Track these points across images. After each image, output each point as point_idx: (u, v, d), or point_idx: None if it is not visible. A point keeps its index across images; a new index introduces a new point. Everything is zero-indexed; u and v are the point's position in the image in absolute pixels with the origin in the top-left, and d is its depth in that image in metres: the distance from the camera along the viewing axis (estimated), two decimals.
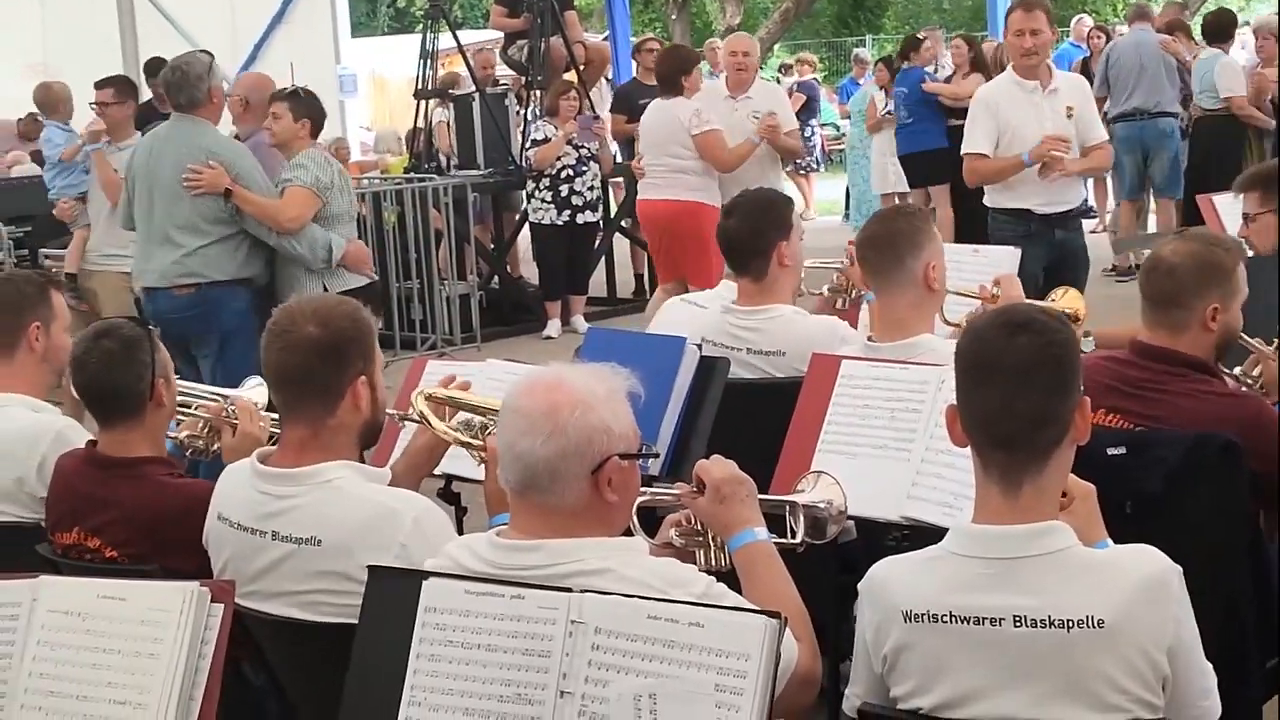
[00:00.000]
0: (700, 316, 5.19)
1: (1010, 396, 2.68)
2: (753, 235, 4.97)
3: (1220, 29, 12.39)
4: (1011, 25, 7.38)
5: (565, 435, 2.73)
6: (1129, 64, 12.21)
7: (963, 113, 12.99)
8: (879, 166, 14.70)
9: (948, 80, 13.81)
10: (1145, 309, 3.97)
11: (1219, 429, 3.66)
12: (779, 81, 20.27)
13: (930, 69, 14.14)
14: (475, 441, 3.62)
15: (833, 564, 3.80)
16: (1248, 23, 14.43)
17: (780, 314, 4.94)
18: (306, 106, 7.36)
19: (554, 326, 11.85)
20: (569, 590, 2.52)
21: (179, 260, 6.95)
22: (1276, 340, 4.26)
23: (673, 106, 9.52)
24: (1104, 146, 7.59)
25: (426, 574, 2.69)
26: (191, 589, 2.79)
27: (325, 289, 6.95)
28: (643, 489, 3.07)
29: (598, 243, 12.32)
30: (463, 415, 3.70)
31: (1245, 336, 4.09)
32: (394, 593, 2.68)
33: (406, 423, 3.93)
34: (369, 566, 2.84)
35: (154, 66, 8.82)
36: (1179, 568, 2.65)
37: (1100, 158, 7.59)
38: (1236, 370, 4.14)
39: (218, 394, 4.36)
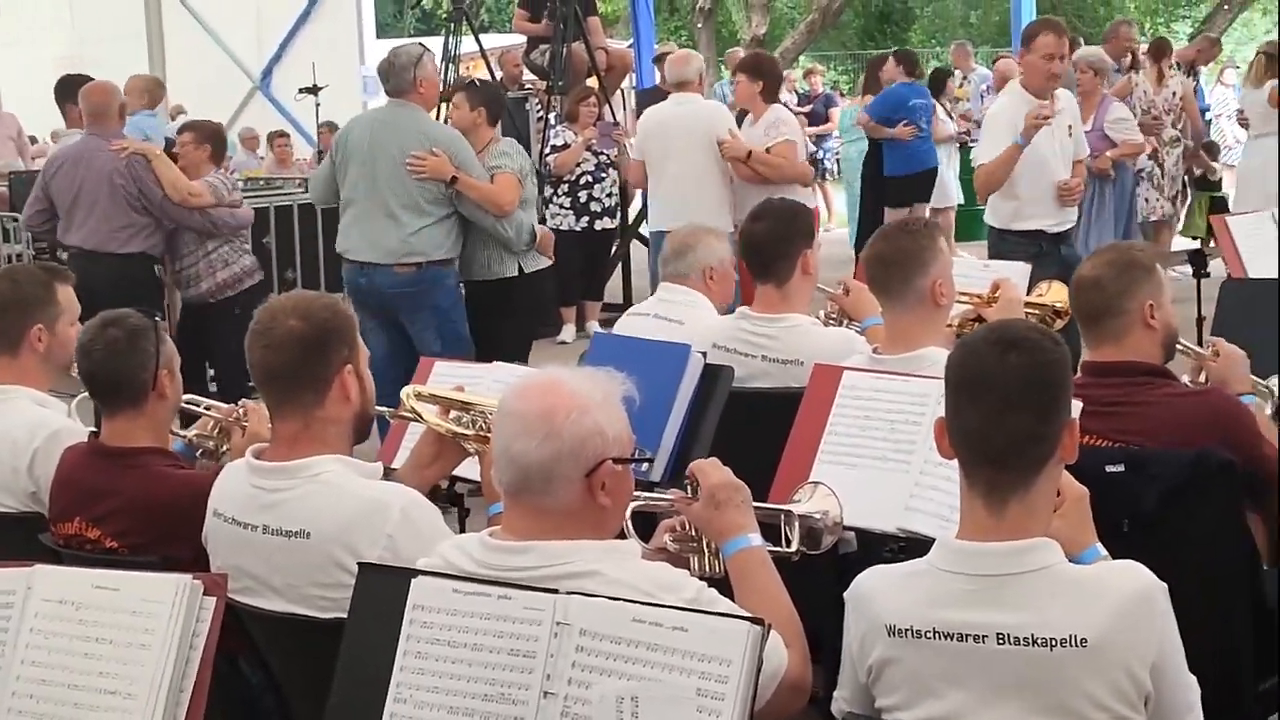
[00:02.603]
0: (716, 322, 5.21)
1: (999, 414, 2.68)
2: (780, 241, 5.02)
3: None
4: (1042, 48, 7.41)
5: (560, 438, 2.75)
6: None
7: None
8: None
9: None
10: (1085, 330, 4.02)
11: (1198, 428, 3.70)
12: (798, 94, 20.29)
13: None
14: (468, 431, 3.65)
15: (832, 574, 3.80)
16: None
17: (798, 324, 4.97)
18: (483, 95, 7.92)
19: (569, 331, 11.86)
20: (555, 592, 2.53)
21: (404, 239, 7.32)
22: (1210, 345, 4.35)
23: None
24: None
25: (415, 572, 2.70)
26: (184, 581, 2.81)
27: (521, 269, 7.65)
28: (638, 493, 3.08)
29: (614, 249, 12.32)
30: (455, 414, 3.73)
31: (1184, 342, 4.17)
32: (382, 590, 2.70)
33: (397, 419, 3.95)
34: (359, 564, 2.86)
35: (68, 84, 8.99)
36: (1164, 585, 2.65)
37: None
38: (1184, 379, 4.18)
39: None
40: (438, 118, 12.82)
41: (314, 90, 13.07)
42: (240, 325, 3.50)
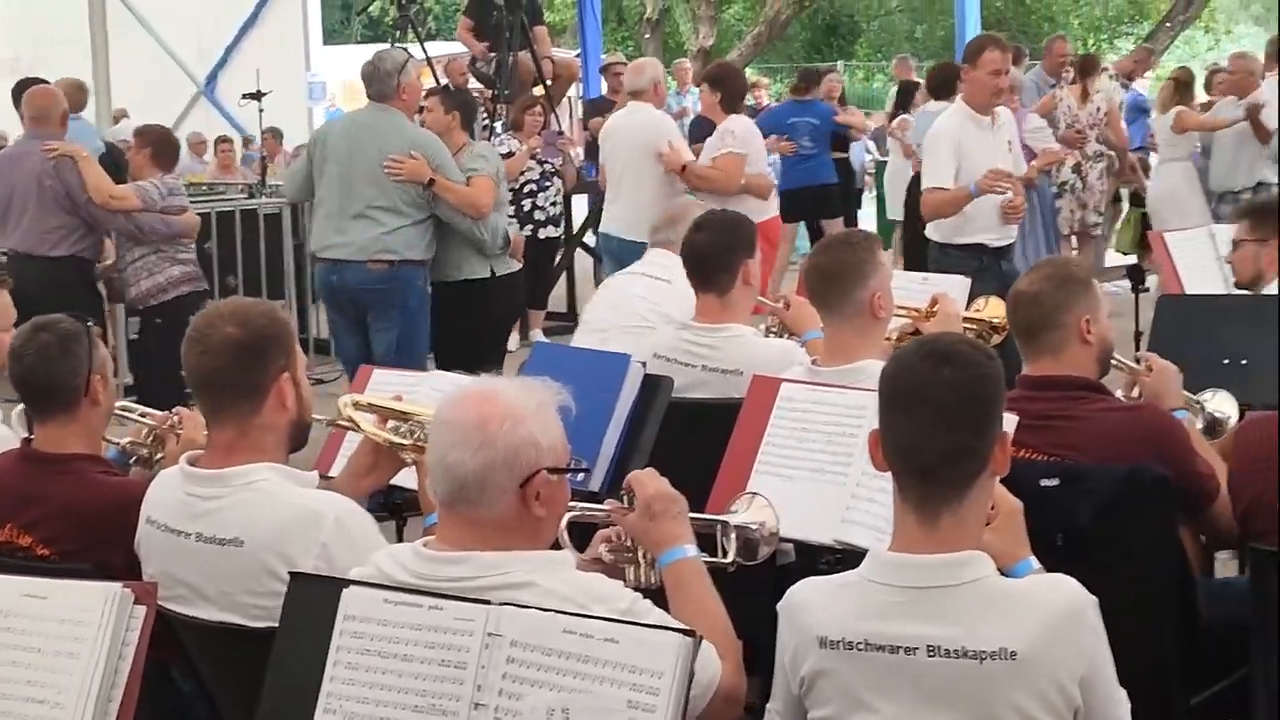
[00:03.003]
0: (656, 333, 5.22)
1: (931, 428, 2.70)
2: (722, 251, 5.03)
3: (946, 82, 12.29)
4: (989, 64, 7.45)
5: (494, 448, 2.74)
6: None
7: (848, 146, 13.13)
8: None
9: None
10: (1022, 344, 4.04)
11: (1132, 443, 3.73)
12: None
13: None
14: (405, 441, 3.63)
15: (770, 585, 3.81)
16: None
17: (739, 334, 4.98)
18: (456, 100, 8.22)
19: (512, 340, 11.80)
20: (487, 603, 2.53)
21: (378, 237, 7.45)
22: (1143, 360, 4.39)
23: None
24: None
25: (346, 582, 2.69)
26: (114, 590, 2.79)
27: (493, 272, 7.78)
28: (574, 504, 3.08)
29: (558, 258, 12.31)
30: (393, 423, 3.72)
31: (1118, 357, 4.20)
32: (313, 599, 2.68)
33: (335, 427, 3.93)
34: (290, 573, 2.85)
35: (22, 89, 9.01)
36: (1094, 599, 2.67)
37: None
38: (1119, 394, 4.21)
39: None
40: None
41: (257, 96, 13.01)
42: (163, 336, 3.48)
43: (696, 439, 4.32)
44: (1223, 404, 4.51)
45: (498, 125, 11.89)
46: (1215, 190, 12.50)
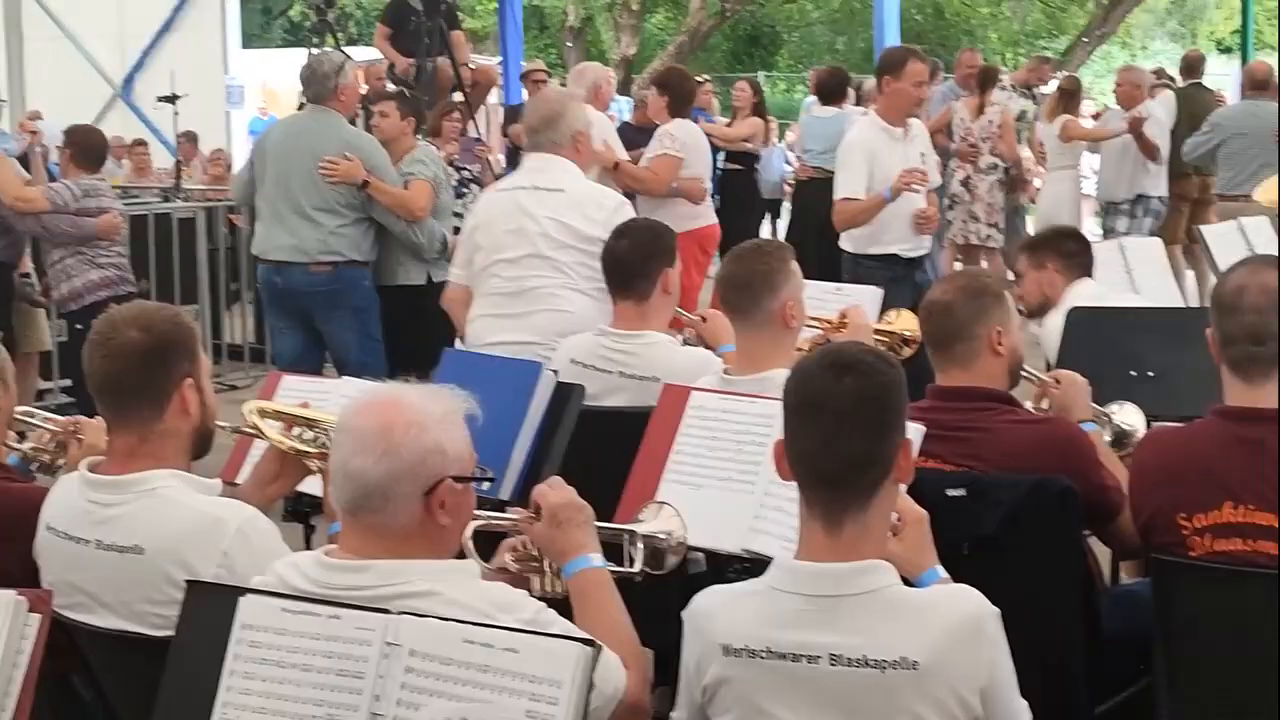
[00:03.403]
0: (573, 339, 5.21)
1: (834, 436, 2.70)
2: (641, 259, 5.04)
3: (837, 86, 12.28)
4: (915, 75, 7.54)
5: (398, 455, 2.71)
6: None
7: (732, 155, 13.09)
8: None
9: (729, 124, 13.71)
10: (934, 354, 4.06)
11: (1040, 455, 3.75)
12: None
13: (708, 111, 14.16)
14: (310, 449, 3.60)
15: (681, 595, 3.79)
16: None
17: (656, 340, 4.99)
18: (411, 106, 8.28)
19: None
20: (386, 612, 2.50)
21: (321, 238, 7.49)
22: (1051, 370, 4.44)
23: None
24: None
25: (244, 590, 2.66)
26: (7, 598, 2.74)
27: (430, 278, 7.70)
28: (479, 512, 3.06)
29: None
30: (298, 430, 3.68)
31: (1028, 369, 4.24)
32: (211, 608, 2.65)
33: (240, 435, 3.89)
34: (187, 581, 2.81)
35: None
36: (996, 610, 2.68)
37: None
38: (1027, 404, 4.24)
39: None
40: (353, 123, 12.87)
41: (172, 99, 12.90)
42: (78, 343, 3.43)
43: (611, 446, 4.31)
44: (1130, 416, 4.55)
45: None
46: (1101, 200, 12.66)
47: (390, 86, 12.84)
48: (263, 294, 7.78)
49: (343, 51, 12.82)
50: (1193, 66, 13.65)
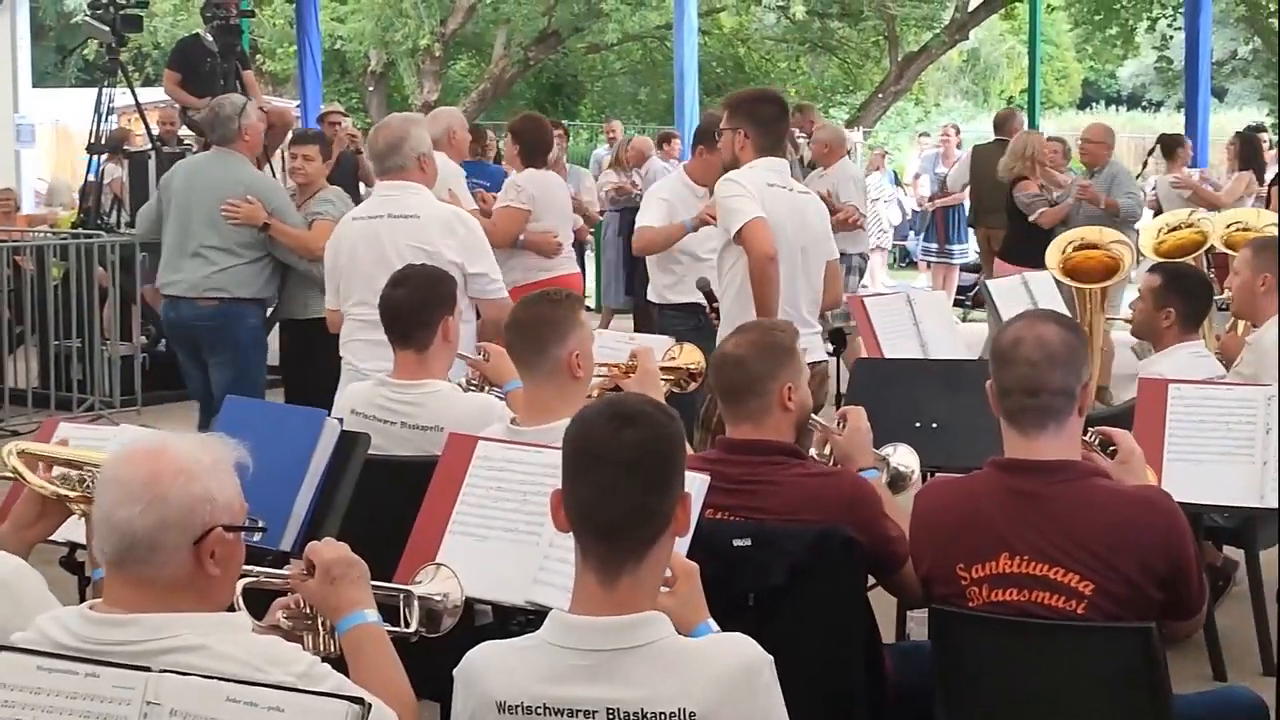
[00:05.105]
0: (353, 388, 5.13)
1: (612, 488, 2.69)
2: (421, 308, 4.99)
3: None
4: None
5: (166, 504, 2.63)
6: None
7: None
8: None
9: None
10: (724, 405, 4.09)
11: (825, 507, 3.79)
12: None
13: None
14: (73, 493, 3.49)
15: (466, 646, 3.75)
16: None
17: (438, 389, 4.93)
18: (328, 149, 8.41)
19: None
20: (148, 669, 2.42)
21: (209, 275, 7.71)
22: (836, 418, 4.47)
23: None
24: None
25: None
26: None
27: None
28: (250, 569, 2.98)
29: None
30: (59, 470, 3.56)
31: (814, 417, 4.29)
32: None
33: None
34: None
35: None
36: (770, 657, 2.68)
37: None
38: (812, 451, 4.29)
39: None
40: (98, 169, 12.63)
41: None
42: None
43: (395, 497, 4.26)
44: (904, 457, 4.63)
45: None
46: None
47: (184, 130, 12.68)
48: (164, 327, 8.12)
49: (133, 92, 12.70)
50: (1000, 124, 13.85)
